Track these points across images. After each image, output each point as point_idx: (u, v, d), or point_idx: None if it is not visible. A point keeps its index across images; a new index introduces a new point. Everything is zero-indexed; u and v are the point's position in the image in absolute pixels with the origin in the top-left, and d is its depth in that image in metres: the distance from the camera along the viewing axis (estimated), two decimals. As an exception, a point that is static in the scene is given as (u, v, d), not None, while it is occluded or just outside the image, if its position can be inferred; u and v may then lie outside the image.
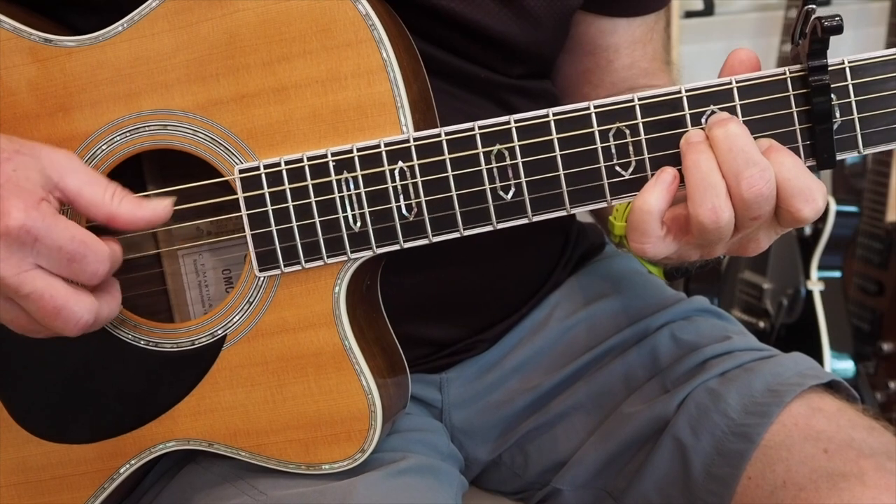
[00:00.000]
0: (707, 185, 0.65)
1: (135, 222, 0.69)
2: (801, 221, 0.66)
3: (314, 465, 0.76)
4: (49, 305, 0.66)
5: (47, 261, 0.66)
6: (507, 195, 0.70)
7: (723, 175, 0.65)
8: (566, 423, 0.89)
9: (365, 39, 0.71)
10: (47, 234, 0.65)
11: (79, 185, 0.68)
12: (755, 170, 0.64)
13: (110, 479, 0.78)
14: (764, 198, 0.65)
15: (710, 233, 0.67)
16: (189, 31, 0.73)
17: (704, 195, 0.65)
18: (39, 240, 0.65)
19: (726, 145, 0.65)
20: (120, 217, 0.68)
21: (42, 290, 0.66)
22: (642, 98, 0.68)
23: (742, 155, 0.65)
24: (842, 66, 0.66)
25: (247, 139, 0.73)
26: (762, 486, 0.77)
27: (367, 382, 0.74)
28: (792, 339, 1.95)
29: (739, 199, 0.65)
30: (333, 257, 0.73)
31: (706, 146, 0.66)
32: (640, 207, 0.67)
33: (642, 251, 0.68)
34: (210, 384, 0.76)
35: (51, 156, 0.68)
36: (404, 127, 0.71)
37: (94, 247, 0.67)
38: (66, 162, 0.68)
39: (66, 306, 0.66)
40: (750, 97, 0.67)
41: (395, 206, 0.71)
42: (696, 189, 0.66)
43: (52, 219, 0.66)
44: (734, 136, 0.65)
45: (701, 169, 0.65)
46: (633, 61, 0.94)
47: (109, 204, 0.68)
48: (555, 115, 0.69)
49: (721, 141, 0.65)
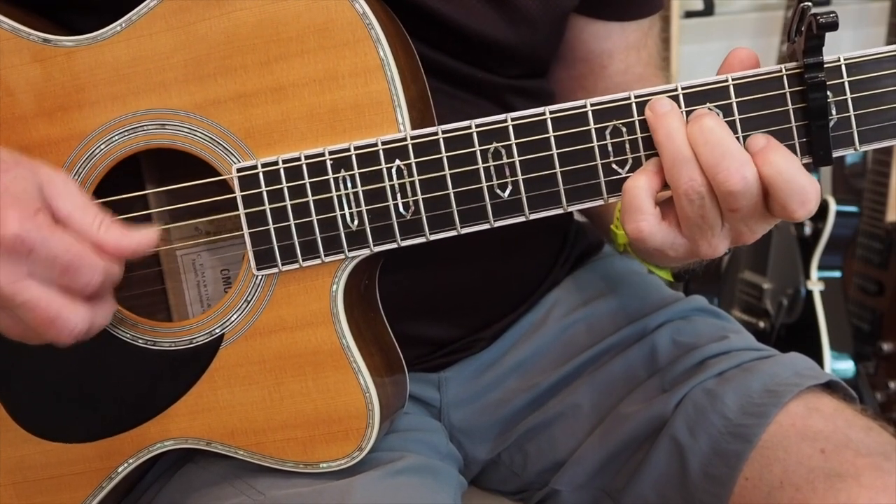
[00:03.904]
0: (682, 157, 0.66)
1: (120, 251, 0.69)
2: (794, 220, 0.66)
3: (312, 464, 0.76)
4: (43, 315, 0.66)
5: (42, 271, 0.66)
6: (503, 193, 0.70)
7: (701, 169, 0.65)
8: (564, 423, 0.89)
9: (362, 38, 0.71)
10: (42, 244, 0.65)
11: (70, 210, 0.68)
12: (732, 163, 0.64)
13: (108, 479, 0.78)
14: (740, 192, 0.65)
15: (693, 209, 0.66)
16: (187, 31, 0.73)
17: (681, 168, 0.66)
18: (34, 250, 0.65)
19: (702, 139, 0.65)
20: (106, 246, 0.68)
21: (37, 300, 0.66)
22: (639, 96, 0.68)
23: (718, 148, 0.65)
24: (838, 63, 0.66)
25: (245, 138, 0.73)
26: (759, 486, 0.77)
27: (365, 381, 0.74)
28: (792, 339, 1.95)
29: (717, 191, 0.65)
30: (331, 256, 0.73)
31: (677, 119, 0.66)
32: (631, 184, 0.67)
33: (639, 231, 0.67)
34: (208, 383, 0.76)
35: (49, 175, 0.69)
36: (401, 125, 0.71)
37: (88, 259, 0.67)
38: (62, 185, 0.69)
39: (61, 316, 0.67)
40: (746, 94, 0.67)
41: (393, 205, 0.71)
42: (673, 162, 0.66)
43: (48, 230, 0.66)
44: (709, 129, 0.65)
45: (675, 141, 0.66)
46: (627, 67, 0.94)
47: (96, 233, 0.68)
48: (551, 113, 0.69)
49: (697, 135, 0.65)
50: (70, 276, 0.67)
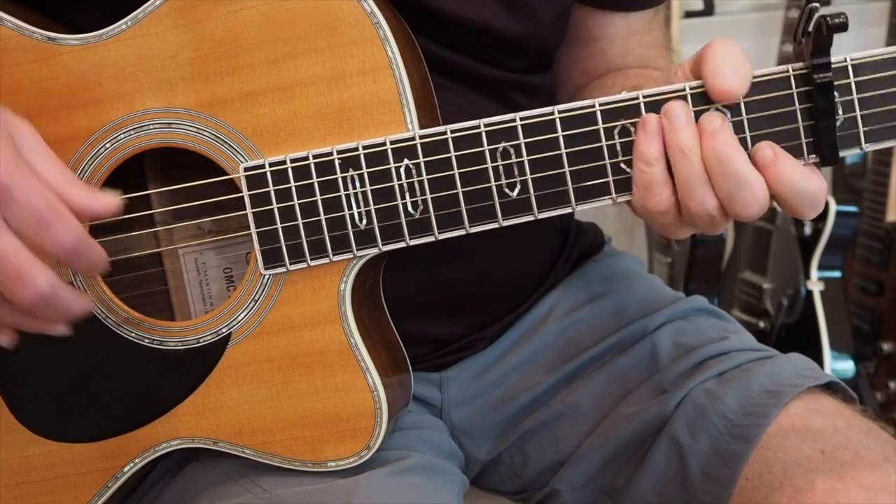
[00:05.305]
0: (696, 178, 0.68)
1: (87, 209, 0.67)
2: (803, 219, 0.68)
3: (320, 463, 0.76)
4: (12, 266, 0.65)
5: (17, 220, 0.65)
6: (512, 192, 0.70)
7: (715, 193, 0.67)
8: (565, 423, 0.89)
9: (370, 37, 0.71)
10: (23, 194, 0.64)
11: (40, 162, 0.66)
12: (747, 193, 0.67)
13: (114, 479, 0.78)
14: (755, 214, 0.68)
15: (703, 221, 0.69)
16: (193, 30, 0.73)
17: (694, 188, 0.68)
18: (15, 199, 0.64)
19: (719, 168, 0.67)
20: (73, 202, 0.67)
21: (7, 250, 0.65)
22: (647, 95, 0.69)
23: (734, 178, 0.67)
24: (844, 63, 0.66)
25: (252, 137, 0.73)
26: (759, 487, 0.77)
27: (373, 380, 0.74)
28: (792, 339, 1.95)
29: (729, 211, 0.68)
30: (339, 255, 0.73)
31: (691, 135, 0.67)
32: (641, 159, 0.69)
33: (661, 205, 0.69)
34: (215, 382, 0.76)
35: (16, 124, 0.67)
36: (409, 125, 0.71)
37: (66, 217, 0.66)
38: (31, 136, 0.67)
39: (30, 272, 0.65)
40: (753, 95, 0.67)
41: (402, 204, 0.71)
42: (686, 182, 0.68)
43: (30, 179, 0.65)
44: (727, 160, 0.67)
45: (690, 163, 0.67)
46: (627, 50, 0.95)
47: (66, 189, 0.67)
48: (560, 112, 0.69)
49: (714, 164, 0.67)
50: (44, 231, 0.65)
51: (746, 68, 0.67)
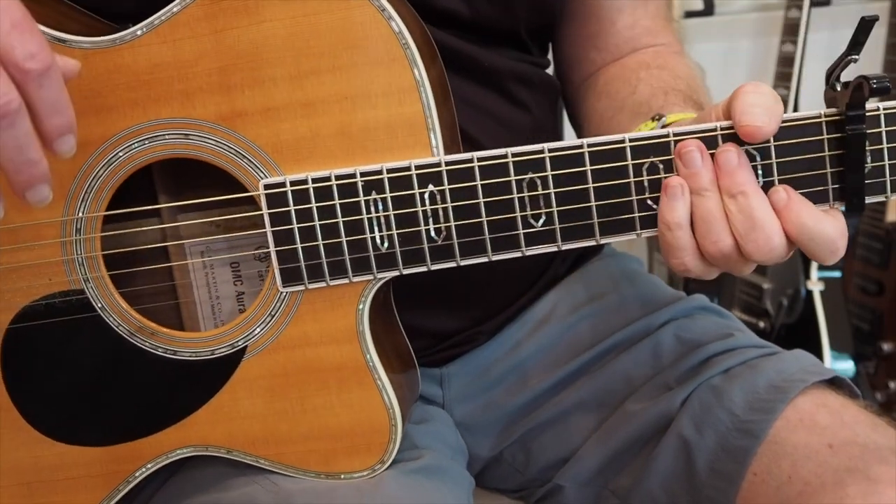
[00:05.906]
0: (712, 218, 0.68)
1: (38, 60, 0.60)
2: (824, 264, 0.68)
3: (333, 475, 0.77)
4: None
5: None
6: (537, 223, 0.70)
7: (730, 230, 0.68)
8: (569, 421, 0.90)
9: (398, 58, 0.69)
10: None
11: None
12: (760, 233, 0.67)
13: (126, 482, 0.79)
14: (769, 257, 0.68)
15: (717, 260, 0.69)
16: (212, 40, 0.71)
17: (710, 227, 0.68)
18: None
19: (735, 207, 0.67)
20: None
21: None
22: (678, 134, 0.68)
23: (749, 217, 0.67)
24: (877, 112, 0.66)
25: (272, 153, 0.72)
26: (767, 481, 0.77)
27: (389, 398, 0.75)
28: (792, 339, 1.93)
29: (744, 252, 0.68)
30: (359, 276, 0.72)
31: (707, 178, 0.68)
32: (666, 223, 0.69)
33: (683, 266, 0.70)
34: (230, 393, 0.76)
35: None
36: (435, 149, 0.70)
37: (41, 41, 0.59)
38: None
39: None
40: (784, 139, 0.67)
41: (424, 230, 0.71)
42: (702, 221, 0.68)
43: None
44: (742, 196, 0.67)
45: (708, 205, 0.68)
46: (635, 20, 0.95)
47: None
48: (589, 146, 0.69)
49: (731, 205, 0.67)
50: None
51: (777, 109, 0.67)
